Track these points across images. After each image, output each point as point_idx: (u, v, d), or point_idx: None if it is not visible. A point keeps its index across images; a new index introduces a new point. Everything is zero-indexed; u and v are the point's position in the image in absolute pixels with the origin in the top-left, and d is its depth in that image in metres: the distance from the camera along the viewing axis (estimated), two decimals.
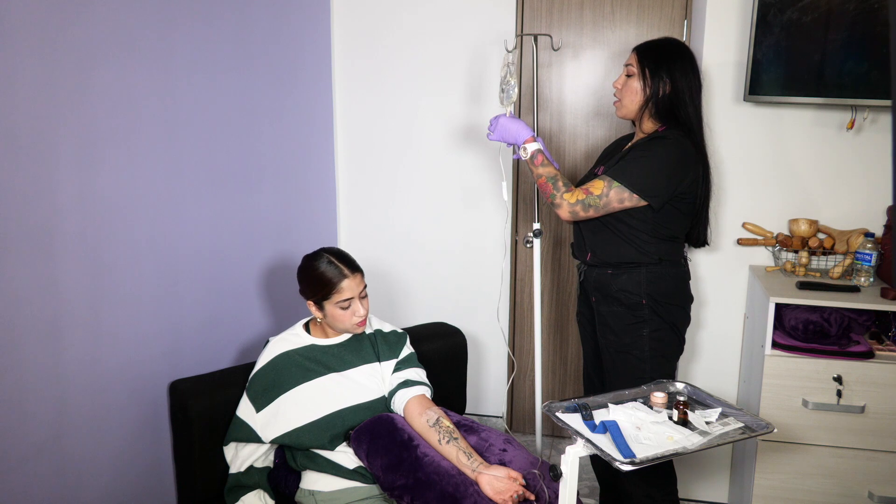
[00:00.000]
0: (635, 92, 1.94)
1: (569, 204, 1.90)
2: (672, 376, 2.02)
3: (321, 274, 1.85)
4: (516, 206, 2.91)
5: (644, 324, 1.95)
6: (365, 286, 1.90)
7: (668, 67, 1.91)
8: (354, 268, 1.88)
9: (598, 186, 1.88)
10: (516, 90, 2.13)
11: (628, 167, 1.89)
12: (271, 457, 1.97)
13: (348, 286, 1.85)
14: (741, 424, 1.50)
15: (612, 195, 1.86)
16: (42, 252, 1.56)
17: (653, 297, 1.93)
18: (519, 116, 2.82)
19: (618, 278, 1.95)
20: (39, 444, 1.59)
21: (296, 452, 1.91)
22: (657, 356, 1.96)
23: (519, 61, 2.80)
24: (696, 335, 2.57)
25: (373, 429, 1.82)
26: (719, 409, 1.55)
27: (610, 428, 1.46)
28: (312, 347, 1.92)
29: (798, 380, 2.12)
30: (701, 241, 2.05)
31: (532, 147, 1.96)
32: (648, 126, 1.98)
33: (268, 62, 2.40)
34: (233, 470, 1.89)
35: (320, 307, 1.87)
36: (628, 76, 1.96)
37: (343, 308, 1.85)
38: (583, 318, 2.20)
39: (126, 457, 1.86)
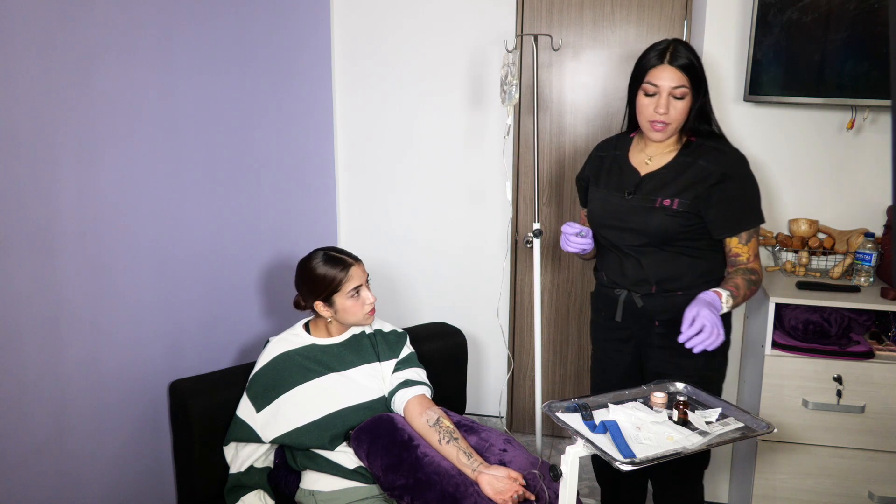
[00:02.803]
0: (685, 111, 1.79)
1: (762, 279, 1.83)
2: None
3: (325, 269, 1.86)
4: (516, 206, 2.91)
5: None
6: (368, 275, 1.93)
7: (704, 75, 1.81)
8: (355, 257, 1.92)
9: (752, 246, 1.81)
10: (517, 91, 2.13)
11: (747, 206, 1.80)
12: (271, 457, 1.97)
13: (356, 273, 1.87)
14: (741, 424, 1.50)
15: (758, 239, 1.84)
16: (42, 252, 1.56)
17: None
18: (519, 117, 2.82)
19: (691, 297, 1.74)
20: (39, 444, 1.59)
21: (296, 452, 1.91)
22: (722, 376, 1.93)
23: (519, 61, 2.80)
24: None
25: (373, 429, 1.82)
26: (719, 409, 1.55)
27: (610, 428, 1.46)
28: (313, 347, 1.92)
29: (798, 380, 2.12)
30: None
31: (729, 302, 1.70)
32: (675, 136, 1.86)
33: (268, 62, 2.40)
34: (233, 470, 1.89)
35: (330, 304, 1.88)
36: (679, 98, 1.77)
37: (353, 297, 1.86)
38: (617, 344, 2.00)
39: (126, 457, 1.86)
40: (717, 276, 1.87)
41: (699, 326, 1.59)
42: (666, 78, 1.76)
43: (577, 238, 1.92)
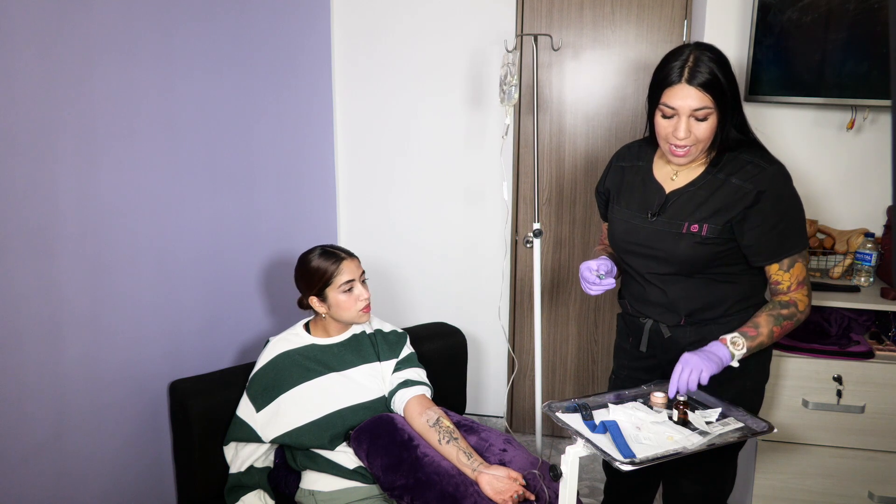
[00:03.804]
0: (710, 131, 1.57)
1: (808, 308, 1.64)
2: None
3: (319, 263, 1.87)
4: (516, 206, 2.91)
5: (747, 375, 1.71)
6: (363, 272, 1.92)
7: (735, 83, 1.58)
8: (350, 253, 1.92)
9: (795, 273, 1.62)
10: (517, 91, 2.13)
11: (788, 230, 1.60)
12: (271, 457, 1.97)
13: (347, 267, 1.87)
14: (741, 424, 1.50)
15: (804, 263, 1.64)
16: (42, 252, 1.56)
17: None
18: (519, 117, 2.82)
19: (725, 326, 1.67)
20: (39, 444, 1.59)
21: (296, 452, 1.91)
22: (756, 411, 1.77)
23: (519, 61, 2.80)
24: None
25: (373, 429, 1.82)
26: (719, 409, 1.55)
27: (610, 428, 1.46)
28: (313, 347, 1.93)
29: (798, 380, 2.12)
30: None
31: (739, 343, 1.57)
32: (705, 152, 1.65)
33: (268, 62, 2.40)
34: (233, 470, 1.89)
35: (323, 298, 1.88)
36: (701, 119, 1.55)
37: (346, 292, 1.87)
38: (642, 373, 1.86)
39: (126, 457, 1.86)
40: (756, 301, 1.70)
41: (679, 369, 1.53)
42: (684, 98, 1.53)
43: (599, 281, 1.71)
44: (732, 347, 1.56)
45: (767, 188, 1.57)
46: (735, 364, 1.58)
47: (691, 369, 1.52)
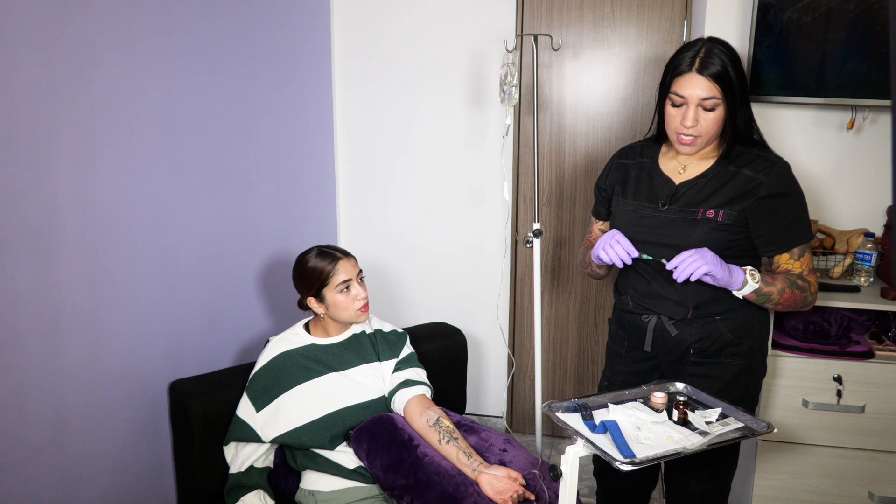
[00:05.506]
0: (717, 123, 1.62)
1: (816, 294, 1.70)
2: None
3: (315, 263, 1.88)
4: (516, 206, 2.91)
5: (751, 372, 1.77)
6: (360, 271, 1.92)
7: (744, 79, 1.63)
8: (346, 253, 1.92)
9: (805, 261, 1.69)
10: (517, 91, 2.13)
11: (797, 222, 1.67)
12: (271, 457, 1.97)
13: (344, 267, 1.87)
14: (741, 424, 1.50)
15: (811, 253, 1.72)
16: (42, 252, 1.56)
17: (763, 336, 1.79)
18: (519, 117, 2.82)
19: (731, 322, 1.71)
20: (39, 444, 1.59)
21: (296, 452, 1.91)
22: (752, 412, 1.76)
23: (519, 61, 2.80)
24: None
25: (373, 429, 1.82)
26: (719, 409, 1.55)
27: (610, 428, 1.46)
28: (313, 347, 1.93)
29: (798, 380, 2.12)
30: None
31: (755, 277, 1.63)
32: (714, 145, 1.70)
33: (268, 61, 2.40)
34: (233, 470, 1.89)
35: (321, 299, 1.88)
36: (709, 109, 1.60)
37: (343, 292, 1.86)
38: (642, 376, 1.84)
39: (126, 457, 1.86)
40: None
41: (691, 252, 1.57)
42: (694, 87, 1.59)
43: (635, 254, 1.68)
44: (750, 277, 1.62)
45: (781, 183, 1.65)
46: (738, 294, 1.64)
47: (698, 258, 1.56)
